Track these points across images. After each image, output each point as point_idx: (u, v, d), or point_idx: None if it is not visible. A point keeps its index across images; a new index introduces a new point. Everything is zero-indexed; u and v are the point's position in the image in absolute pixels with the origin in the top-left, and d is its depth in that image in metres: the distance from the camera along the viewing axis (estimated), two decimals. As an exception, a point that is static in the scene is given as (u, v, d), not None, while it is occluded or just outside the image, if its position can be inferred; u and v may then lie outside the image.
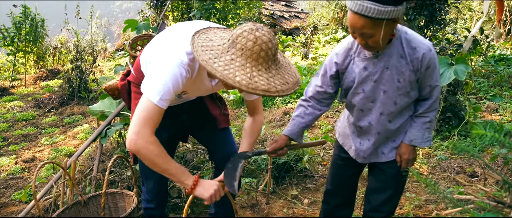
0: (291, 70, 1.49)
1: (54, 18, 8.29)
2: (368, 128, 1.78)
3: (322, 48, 10.55)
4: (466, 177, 3.10)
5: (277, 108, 5.31)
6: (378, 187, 1.90)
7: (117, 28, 11.79)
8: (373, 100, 1.72)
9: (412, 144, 1.76)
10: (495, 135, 1.15)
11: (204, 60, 1.36)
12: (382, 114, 1.73)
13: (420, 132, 1.74)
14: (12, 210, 2.95)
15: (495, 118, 4.17)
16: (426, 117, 1.74)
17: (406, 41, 1.61)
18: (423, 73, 1.63)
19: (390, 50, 1.62)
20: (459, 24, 8.42)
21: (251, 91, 1.32)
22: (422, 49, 1.60)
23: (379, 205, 1.88)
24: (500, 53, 6.70)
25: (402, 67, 1.62)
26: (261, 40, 1.35)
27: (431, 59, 1.61)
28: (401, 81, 1.64)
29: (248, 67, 1.35)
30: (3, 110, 5.83)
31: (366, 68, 1.67)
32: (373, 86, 1.68)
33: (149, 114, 1.46)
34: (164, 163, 1.51)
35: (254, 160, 3.16)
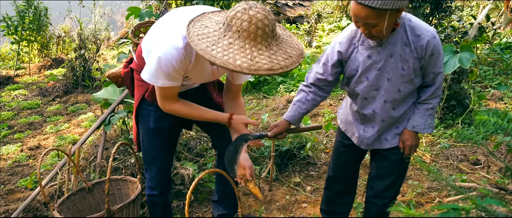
0: (293, 43, 1.46)
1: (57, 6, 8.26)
2: (372, 115, 1.78)
3: (326, 37, 10.48)
4: (469, 164, 3.09)
5: (281, 96, 5.30)
6: (381, 173, 1.90)
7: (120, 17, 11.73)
8: (377, 88, 1.71)
9: (414, 130, 1.76)
10: (498, 121, 1.15)
11: (202, 49, 1.34)
12: (386, 101, 1.72)
13: (422, 119, 1.74)
14: (18, 197, 2.99)
15: (500, 106, 4.14)
16: (429, 103, 1.73)
17: (410, 28, 1.60)
18: (427, 60, 1.62)
19: (394, 38, 1.61)
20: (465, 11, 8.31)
21: (254, 73, 1.30)
22: (426, 36, 1.59)
23: (381, 191, 1.89)
24: (507, 41, 6.61)
25: (406, 55, 1.61)
26: (256, 18, 1.32)
27: (435, 46, 1.60)
28: (405, 69, 1.63)
29: (248, 48, 1.32)
30: (8, 98, 5.86)
31: (370, 56, 1.66)
32: (377, 75, 1.67)
33: (161, 93, 1.69)
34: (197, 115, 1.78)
35: (257, 148, 3.17)
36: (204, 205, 2.72)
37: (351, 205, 2.19)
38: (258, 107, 4.95)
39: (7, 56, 8.41)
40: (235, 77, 1.83)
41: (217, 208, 2.26)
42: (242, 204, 2.61)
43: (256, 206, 2.69)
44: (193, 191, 2.76)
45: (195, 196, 2.77)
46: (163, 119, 1.93)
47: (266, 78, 5.95)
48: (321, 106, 4.80)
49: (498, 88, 4.65)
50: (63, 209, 2.12)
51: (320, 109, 4.69)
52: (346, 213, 2.18)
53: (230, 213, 2.22)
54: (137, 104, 1.94)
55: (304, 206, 2.69)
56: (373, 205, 1.95)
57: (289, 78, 5.99)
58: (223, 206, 2.22)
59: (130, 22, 9.46)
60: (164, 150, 2.00)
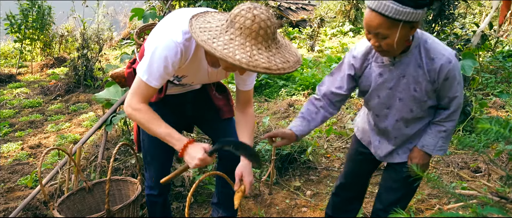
0: (292, 50, 1.47)
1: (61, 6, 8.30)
2: (386, 131, 1.77)
3: (329, 41, 10.49)
4: (470, 172, 3.09)
5: (282, 100, 5.31)
6: (389, 186, 1.88)
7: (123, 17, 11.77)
8: (388, 107, 1.69)
9: (423, 149, 1.72)
10: (500, 130, 1.15)
11: (202, 40, 1.35)
12: (398, 120, 1.70)
13: (433, 140, 1.70)
14: (18, 195, 2.99)
15: (502, 114, 4.14)
16: (442, 125, 1.68)
17: (425, 50, 1.55)
18: (441, 84, 1.57)
19: (408, 58, 1.57)
20: (468, 19, 8.32)
21: (252, 69, 1.30)
22: (441, 60, 1.53)
23: (388, 205, 1.86)
24: (509, 49, 6.62)
25: (419, 77, 1.57)
26: (259, 18, 1.33)
27: (450, 71, 1.54)
28: (417, 90, 1.60)
29: (248, 46, 1.33)
30: (10, 96, 5.88)
31: (382, 75, 1.63)
32: (388, 94, 1.65)
33: (138, 88, 1.58)
34: (153, 127, 1.59)
35: (258, 151, 3.17)
36: (204, 207, 2.72)
37: (357, 212, 2.16)
38: (260, 111, 4.95)
39: (9, 54, 8.44)
40: (240, 83, 1.82)
41: (216, 210, 2.25)
42: (241, 207, 2.61)
43: (255, 209, 2.69)
44: (193, 193, 2.76)
45: (195, 198, 2.77)
46: (163, 119, 1.94)
47: (268, 81, 5.96)
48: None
49: (500, 96, 4.65)
50: (63, 209, 2.11)
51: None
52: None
53: (229, 216, 2.22)
54: None
55: (304, 210, 2.69)
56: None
57: (291, 82, 6.00)
58: (223, 208, 2.22)
59: (133, 23, 9.49)
60: (164, 150, 2.00)
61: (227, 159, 2.02)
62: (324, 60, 7.68)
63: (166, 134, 1.59)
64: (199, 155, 1.55)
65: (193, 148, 1.58)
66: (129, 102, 1.60)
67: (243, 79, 1.79)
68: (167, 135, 1.59)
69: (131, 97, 1.59)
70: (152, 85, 1.55)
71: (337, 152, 3.58)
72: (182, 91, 1.95)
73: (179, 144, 1.57)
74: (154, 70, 1.52)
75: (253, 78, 1.83)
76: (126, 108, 1.60)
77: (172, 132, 1.59)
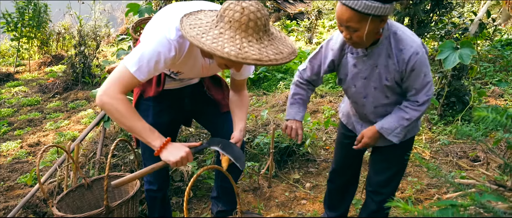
0: (287, 42, 1.46)
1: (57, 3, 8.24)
2: (365, 117, 1.83)
3: (327, 33, 10.45)
4: (469, 161, 3.09)
5: (281, 93, 5.30)
6: (377, 168, 1.94)
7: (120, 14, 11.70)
8: (365, 96, 1.75)
9: (380, 131, 1.73)
10: (497, 117, 1.14)
11: (191, 36, 1.34)
12: (376, 107, 1.76)
13: (394, 125, 1.71)
14: (17, 193, 3.00)
15: (500, 103, 4.13)
16: (406, 112, 1.69)
17: (394, 41, 1.60)
18: (408, 75, 1.61)
19: (379, 49, 1.62)
20: (465, 7, 8.28)
21: (241, 61, 1.29)
22: (409, 51, 1.57)
23: (378, 186, 1.92)
24: (507, 37, 6.60)
25: (389, 66, 1.63)
26: (248, 10, 1.32)
27: (417, 63, 1.57)
28: (388, 79, 1.65)
29: (238, 39, 1.32)
30: (8, 95, 5.87)
31: (356, 65, 1.70)
32: (363, 83, 1.71)
33: (122, 78, 1.48)
34: (127, 120, 1.49)
35: (256, 144, 3.16)
36: (203, 202, 2.72)
37: (353, 196, 2.24)
38: (258, 104, 4.94)
39: (7, 53, 8.40)
40: (236, 73, 1.83)
41: (216, 204, 2.26)
42: (241, 200, 2.61)
43: (255, 202, 2.69)
44: (192, 188, 2.77)
45: (194, 192, 2.77)
46: (162, 114, 1.93)
47: (266, 75, 5.94)
48: (321, 103, 4.80)
49: (499, 85, 4.64)
50: (62, 206, 2.11)
51: (320, 105, 4.68)
52: (347, 206, 2.25)
53: (229, 210, 2.22)
54: (136, 99, 1.94)
55: (303, 203, 2.69)
56: (371, 200, 1.99)
57: (289, 75, 5.98)
58: (222, 202, 2.22)
59: (130, 19, 9.44)
60: None
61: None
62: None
63: (145, 128, 1.51)
64: (181, 152, 1.52)
65: (174, 145, 1.54)
66: (106, 90, 1.47)
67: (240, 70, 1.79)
68: (147, 130, 1.52)
69: (109, 85, 1.47)
70: (138, 78, 1.49)
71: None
72: (180, 86, 1.94)
73: (159, 141, 1.52)
74: (144, 64, 1.48)
75: (249, 68, 1.84)
76: (101, 96, 1.46)
77: (151, 127, 1.53)
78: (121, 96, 1.48)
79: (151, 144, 1.53)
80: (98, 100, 1.48)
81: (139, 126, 1.51)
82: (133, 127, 1.51)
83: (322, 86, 5.42)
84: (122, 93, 1.49)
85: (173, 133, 2.09)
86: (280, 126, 3.44)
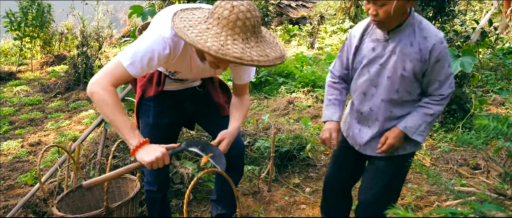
0: (277, 47, 1.44)
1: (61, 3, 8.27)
2: (369, 114, 1.77)
3: (329, 38, 10.47)
4: (469, 169, 3.09)
5: (282, 97, 5.31)
6: (368, 183, 1.86)
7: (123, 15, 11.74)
8: (376, 85, 1.71)
9: (404, 131, 1.69)
10: (498, 126, 1.14)
11: (178, 27, 1.35)
12: (383, 100, 1.71)
13: (417, 122, 1.68)
14: (18, 192, 3.00)
15: (501, 111, 4.13)
16: (429, 108, 1.68)
17: (419, 29, 1.60)
18: (432, 66, 1.60)
19: (401, 35, 1.61)
20: (468, 15, 8.30)
21: (221, 56, 1.28)
22: (433, 39, 1.57)
23: (368, 202, 1.83)
24: (509, 46, 6.61)
25: (410, 55, 1.60)
26: (237, 9, 1.32)
27: (442, 52, 1.57)
28: (406, 69, 1.61)
29: (223, 35, 1.32)
30: (10, 94, 5.88)
31: (374, 49, 1.68)
32: (378, 69, 1.68)
33: (115, 70, 1.49)
34: (111, 113, 1.47)
35: (257, 148, 3.17)
36: (203, 205, 2.72)
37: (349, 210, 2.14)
38: (259, 108, 4.95)
39: (9, 52, 8.43)
40: (237, 77, 1.83)
41: (215, 207, 2.26)
42: (240, 204, 2.61)
43: (254, 206, 2.69)
44: (192, 190, 2.77)
45: (194, 195, 2.77)
46: (162, 115, 1.94)
47: (268, 79, 5.95)
48: (322, 108, 4.80)
49: (500, 93, 4.64)
50: (62, 206, 2.12)
51: (321, 110, 4.68)
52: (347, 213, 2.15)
53: (228, 213, 2.22)
54: (138, 99, 1.96)
55: (303, 207, 2.69)
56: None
57: (291, 79, 6.00)
58: (222, 205, 2.22)
59: (133, 21, 9.47)
60: None
61: (228, 157, 2.02)
62: (324, 58, 7.67)
63: (126, 125, 1.48)
64: (157, 152, 1.48)
65: (151, 146, 1.50)
66: (98, 80, 1.47)
67: (239, 74, 1.79)
68: (128, 126, 1.48)
69: (102, 76, 1.48)
70: (131, 73, 1.49)
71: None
72: (181, 87, 1.95)
73: (137, 140, 1.48)
74: (138, 59, 1.48)
75: (249, 73, 1.82)
76: (93, 85, 1.47)
77: (133, 125, 1.51)
78: (111, 88, 1.48)
79: (129, 142, 1.50)
80: (88, 89, 1.49)
81: (121, 120, 1.48)
82: (115, 120, 1.48)
83: (323, 91, 5.42)
84: (113, 85, 1.49)
85: (173, 135, 2.10)
86: (280, 130, 3.44)
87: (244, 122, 3.66)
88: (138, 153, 1.48)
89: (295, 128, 3.60)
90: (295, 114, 4.56)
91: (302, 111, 4.74)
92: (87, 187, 1.54)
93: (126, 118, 1.50)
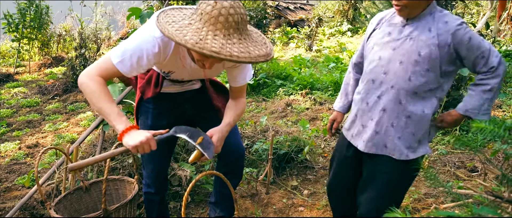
0: (262, 47, 1.42)
1: (59, 5, 8.28)
2: (375, 103, 1.70)
3: (327, 41, 10.50)
4: (467, 171, 3.10)
5: (280, 99, 5.31)
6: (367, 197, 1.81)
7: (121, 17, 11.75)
8: (386, 71, 1.66)
9: (467, 114, 1.61)
10: (495, 128, 1.15)
11: (160, 22, 1.35)
12: (393, 87, 1.64)
13: (478, 102, 1.59)
14: (15, 195, 2.99)
15: (499, 114, 4.15)
16: (486, 84, 1.58)
17: (439, 16, 1.60)
18: (467, 46, 1.55)
19: (419, 22, 1.62)
20: (465, 18, 8.34)
21: (198, 50, 1.27)
22: (455, 22, 1.56)
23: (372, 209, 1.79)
24: (506, 49, 6.64)
25: (427, 40, 1.57)
26: (220, 5, 1.32)
27: (469, 31, 1.55)
28: (422, 54, 1.57)
29: (204, 31, 1.31)
30: (8, 96, 5.86)
31: (390, 33, 1.68)
32: (390, 55, 1.65)
33: (105, 65, 1.53)
34: (98, 101, 1.48)
35: (255, 150, 3.17)
36: (201, 207, 2.72)
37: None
38: (257, 110, 4.96)
39: (7, 53, 8.41)
40: (232, 79, 1.82)
41: (214, 210, 2.26)
42: (239, 206, 2.62)
43: (252, 208, 2.70)
44: (190, 193, 2.77)
45: (192, 197, 2.77)
46: (161, 117, 1.94)
47: (266, 81, 5.96)
48: (320, 110, 4.81)
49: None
50: (59, 208, 2.11)
51: (319, 113, 4.70)
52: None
53: (226, 215, 2.22)
54: (137, 101, 1.96)
55: (301, 210, 2.69)
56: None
57: (289, 82, 6.01)
58: (220, 208, 2.22)
59: (131, 23, 9.47)
60: (161, 148, 2.00)
61: (226, 159, 2.03)
62: (322, 60, 7.69)
63: (113, 111, 1.49)
64: (142, 136, 1.47)
65: (137, 131, 1.50)
66: (88, 71, 1.52)
67: (233, 75, 1.79)
68: (115, 113, 1.49)
69: (92, 68, 1.52)
70: (121, 71, 1.51)
71: (334, 151, 3.59)
72: (181, 90, 1.95)
73: (123, 125, 1.48)
74: (127, 58, 1.50)
75: (244, 75, 1.80)
76: (81, 76, 1.51)
77: (121, 112, 1.52)
78: (98, 79, 1.51)
79: (116, 128, 1.50)
80: (78, 80, 1.53)
81: (108, 108, 1.49)
82: (102, 108, 1.49)
83: (321, 93, 5.44)
84: (101, 77, 1.52)
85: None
86: (278, 133, 3.45)
87: (242, 124, 3.66)
88: (124, 137, 1.49)
89: (293, 130, 3.61)
90: (293, 116, 4.57)
91: (300, 113, 4.75)
92: (71, 170, 1.55)
93: (113, 105, 1.51)
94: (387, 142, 1.70)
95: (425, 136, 1.69)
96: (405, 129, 1.67)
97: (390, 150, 1.70)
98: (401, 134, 1.67)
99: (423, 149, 1.70)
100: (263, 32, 7.65)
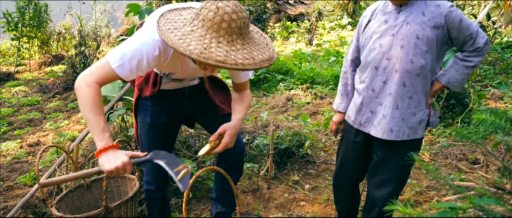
0: (265, 50, 1.41)
1: (58, 3, 8.25)
2: (382, 88, 1.76)
3: (327, 35, 10.46)
4: (468, 164, 3.09)
5: (281, 94, 5.30)
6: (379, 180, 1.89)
7: (121, 14, 11.72)
8: (388, 57, 1.71)
9: (448, 86, 1.74)
10: (496, 120, 1.14)
11: (161, 30, 1.33)
12: (397, 71, 1.70)
13: (461, 77, 1.72)
14: (17, 193, 3.00)
15: (500, 105, 4.14)
16: (470, 61, 1.70)
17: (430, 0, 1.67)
18: (457, 27, 1.64)
19: (412, 8, 1.67)
20: (466, 10, 8.29)
21: (203, 60, 1.25)
22: (447, 6, 1.64)
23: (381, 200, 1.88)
24: (508, 40, 6.61)
25: (423, 23, 1.65)
26: (223, 10, 1.29)
27: (459, 14, 1.64)
28: (420, 37, 1.65)
29: (208, 38, 1.29)
30: (8, 95, 5.87)
31: (387, 21, 1.72)
32: (390, 41, 1.70)
33: (102, 70, 1.49)
34: (88, 110, 1.46)
35: (256, 145, 3.17)
36: (202, 203, 2.72)
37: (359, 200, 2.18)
38: (258, 105, 4.95)
39: (7, 52, 8.41)
40: (234, 76, 1.82)
41: (215, 205, 2.26)
42: (240, 202, 2.61)
43: (254, 204, 2.69)
44: (192, 188, 2.77)
45: (194, 193, 2.77)
46: (160, 114, 1.94)
47: (266, 76, 5.94)
48: (321, 104, 4.80)
49: (499, 88, 4.64)
50: (61, 206, 2.11)
51: (320, 107, 4.69)
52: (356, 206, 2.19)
53: (228, 211, 2.22)
54: (136, 98, 1.95)
55: (303, 204, 2.69)
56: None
57: (289, 76, 5.99)
58: (222, 203, 2.22)
59: (131, 19, 9.45)
60: (161, 145, 2.00)
61: (227, 155, 2.02)
62: (323, 54, 7.67)
63: (99, 125, 1.46)
64: (118, 162, 1.44)
65: (115, 153, 1.47)
66: (85, 76, 1.49)
67: (236, 72, 1.78)
68: (100, 128, 1.46)
69: (90, 72, 1.50)
70: (120, 75, 1.48)
71: (335, 145, 3.58)
72: (179, 86, 1.94)
73: (103, 143, 1.46)
74: (127, 61, 1.47)
75: (246, 72, 1.80)
76: (80, 80, 1.49)
77: (106, 128, 1.49)
78: (95, 86, 1.48)
79: (96, 143, 1.49)
80: (76, 82, 1.50)
81: (95, 120, 1.47)
82: (90, 118, 1.47)
83: (322, 88, 5.42)
84: (98, 83, 1.49)
85: (171, 133, 2.09)
86: (279, 127, 3.44)
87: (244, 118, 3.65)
88: (101, 157, 1.46)
89: (294, 125, 3.60)
90: (294, 111, 4.56)
91: (301, 107, 4.74)
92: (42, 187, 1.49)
93: (101, 118, 1.48)
94: (393, 125, 1.77)
95: (424, 116, 1.78)
96: (407, 110, 1.75)
97: (396, 132, 1.78)
98: (404, 115, 1.76)
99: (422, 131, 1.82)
100: (263, 27, 7.61)
